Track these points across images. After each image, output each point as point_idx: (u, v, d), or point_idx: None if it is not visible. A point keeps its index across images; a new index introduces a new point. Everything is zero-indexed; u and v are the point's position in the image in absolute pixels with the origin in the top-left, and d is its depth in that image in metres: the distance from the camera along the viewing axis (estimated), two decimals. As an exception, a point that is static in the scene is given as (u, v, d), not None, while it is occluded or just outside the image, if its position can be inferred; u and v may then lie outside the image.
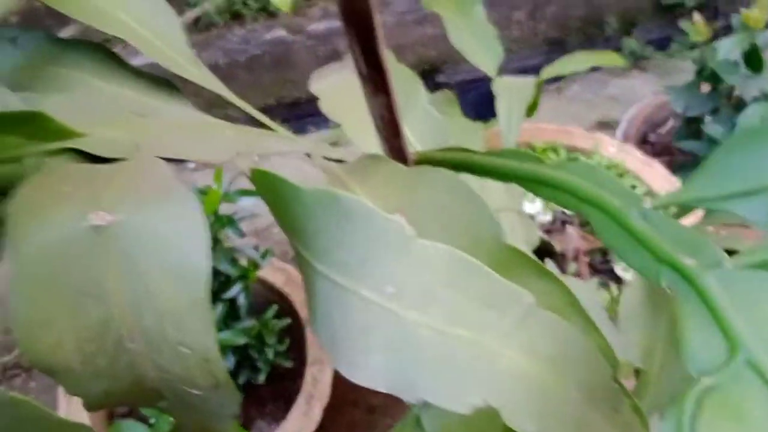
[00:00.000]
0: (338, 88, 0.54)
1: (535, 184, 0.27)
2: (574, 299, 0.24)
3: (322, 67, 0.55)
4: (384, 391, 0.22)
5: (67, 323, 0.24)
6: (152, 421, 0.72)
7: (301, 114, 1.64)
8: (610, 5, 2.18)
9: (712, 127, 0.97)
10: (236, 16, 1.64)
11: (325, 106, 0.52)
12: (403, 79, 0.56)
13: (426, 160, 0.36)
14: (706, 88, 1.06)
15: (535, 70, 0.80)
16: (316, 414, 0.77)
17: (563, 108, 1.67)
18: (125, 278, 0.23)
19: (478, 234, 0.25)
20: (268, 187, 0.26)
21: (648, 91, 1.75)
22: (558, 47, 2.11)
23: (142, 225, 0.22)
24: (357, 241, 0.23)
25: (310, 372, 0.80)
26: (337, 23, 1.90)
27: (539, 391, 0.21)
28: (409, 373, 0.22)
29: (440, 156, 0.35)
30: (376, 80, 0.30)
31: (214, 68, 1.02)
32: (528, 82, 0.75)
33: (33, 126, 0.26)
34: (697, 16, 0.99)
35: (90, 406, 0.25)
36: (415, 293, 0.22)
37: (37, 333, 0.23)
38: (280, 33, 1.64)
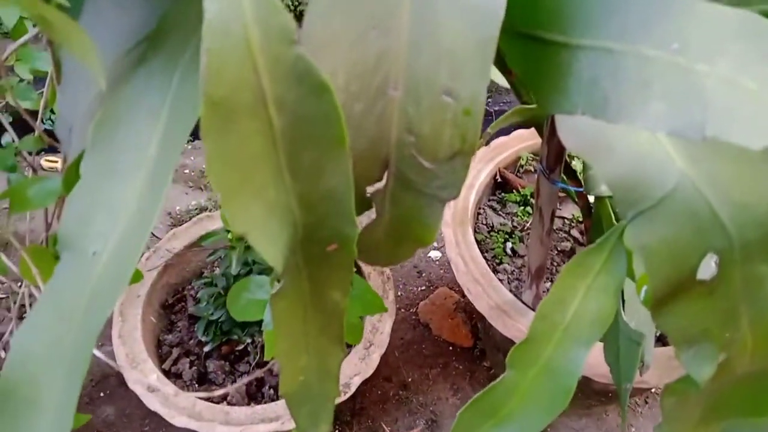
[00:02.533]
0: None
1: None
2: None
3: None
4: (665, 132, 0.23)
5: (347, 51, 0.25)
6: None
7: None
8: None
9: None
10: None
11: None
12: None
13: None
14: None
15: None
16: (374, 360, 0.77)
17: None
18: (418, 12, 0.25)
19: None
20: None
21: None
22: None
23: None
24: (638, 6, 0.24)
25: (370, 321, 0.80)
26: None
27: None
28: (695, 116, 0.23)
29: None
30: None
31: None
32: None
33: None
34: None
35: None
36: (702, 48, 0.23)
37: (319, 55, 0.25)
38: None
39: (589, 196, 0.59)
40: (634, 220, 0.30)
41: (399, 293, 1.21)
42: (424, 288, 1.22)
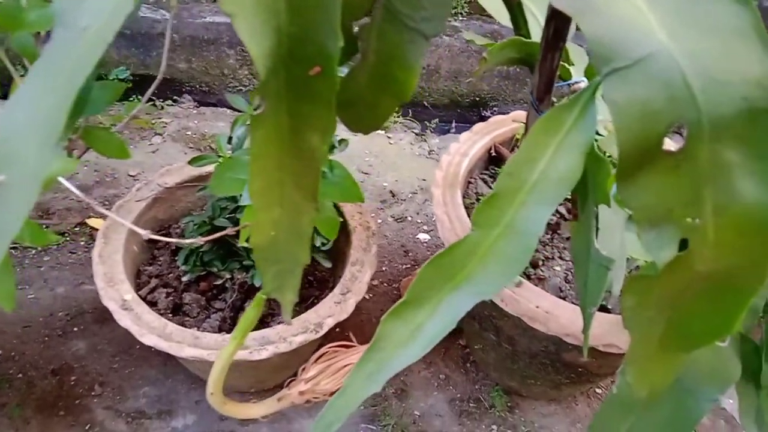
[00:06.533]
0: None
1: None
2: None
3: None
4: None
5: None
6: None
7: None
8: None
9: None
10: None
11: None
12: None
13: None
14: None
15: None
16: (350, 306, 0.77)
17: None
18: None
19: None
20: None
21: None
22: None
23: None
24: None
25: (350, 270, 0.81)
26: None
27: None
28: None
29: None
30: None
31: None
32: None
33: None
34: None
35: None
36: None
37: None
38: None
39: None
40: (609, 76, 0.30)
41: (384, 268, 1.21)
42: (408, 266, 1.23)
